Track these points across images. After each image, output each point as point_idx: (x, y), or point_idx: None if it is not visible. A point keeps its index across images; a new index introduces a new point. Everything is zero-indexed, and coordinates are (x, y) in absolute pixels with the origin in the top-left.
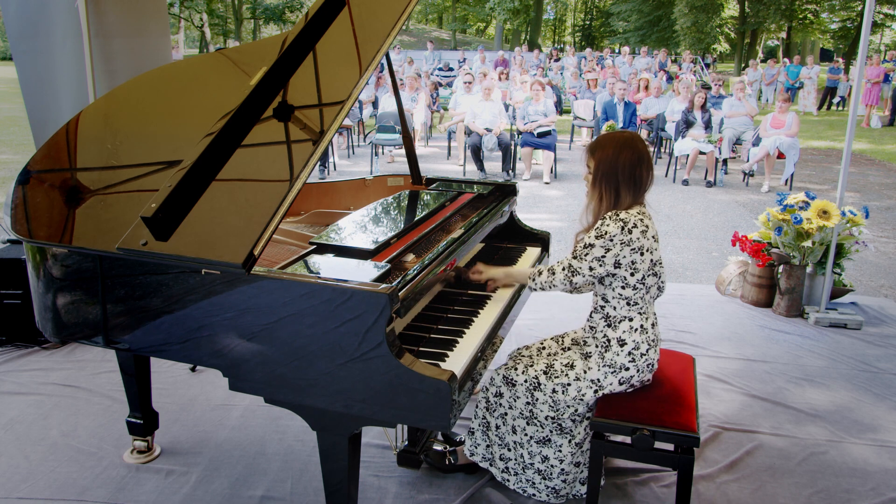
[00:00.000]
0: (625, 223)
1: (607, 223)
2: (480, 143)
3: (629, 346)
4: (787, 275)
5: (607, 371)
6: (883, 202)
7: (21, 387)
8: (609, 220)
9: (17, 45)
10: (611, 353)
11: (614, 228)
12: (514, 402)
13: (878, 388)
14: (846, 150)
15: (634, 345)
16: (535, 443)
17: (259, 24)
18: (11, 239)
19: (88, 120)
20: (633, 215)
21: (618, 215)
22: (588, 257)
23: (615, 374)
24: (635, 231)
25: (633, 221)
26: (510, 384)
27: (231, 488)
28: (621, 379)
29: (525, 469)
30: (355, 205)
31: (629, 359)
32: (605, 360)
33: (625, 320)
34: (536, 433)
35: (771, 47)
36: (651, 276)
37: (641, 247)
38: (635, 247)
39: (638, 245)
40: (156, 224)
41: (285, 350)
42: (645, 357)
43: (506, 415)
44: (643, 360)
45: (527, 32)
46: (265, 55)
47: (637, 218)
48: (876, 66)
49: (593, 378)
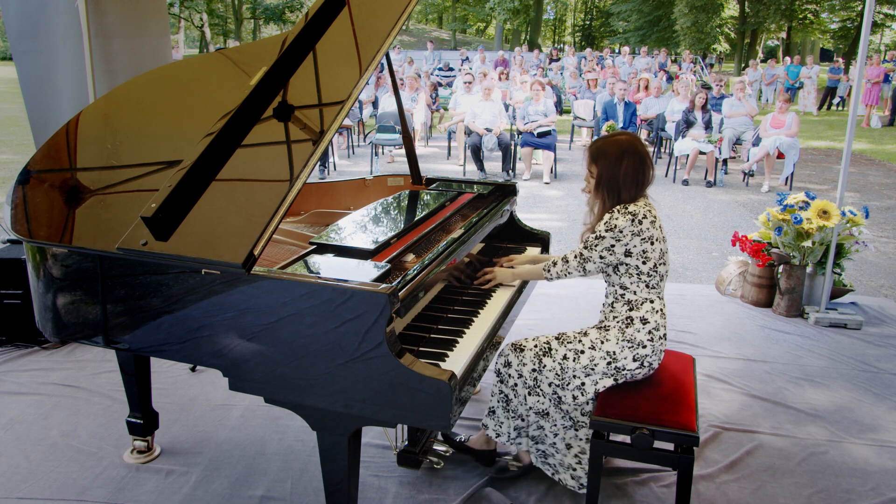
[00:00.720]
0: (634, 215)
1: (616, 217)
2: (480, 143)
3: (651, 325)
4: (787, 275)
5: (625, 345)
6: (883, 202)
7: (21, 387)
8: (618, 214)
9: (17, 45)
10: (632, 329)
11: (623, 222)
12: (521, 367)
13: (878, 388)
14: (846, 150)
15: (655, 325)
16: (534, 414)
17: (259, 24)
18: (11, 239)
19: (88, 120)
20: (640, 207)
21: (626, 208)
22: (598, 248)
23: (632, 350)
24: (645, 222)
25: (642, 213)
26: (518, 350)
27: (231, 488)
28: (636, 355)
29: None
30: (355, 205)
31: (648, 337)
32: (625, 334)
33: (646, 302)
34: (537, 403)
35: (771, 47)
36: (661, 264)
37: (652, 236)
38: (646, 236)
39: (648, 235)
40: (156, 224)
41: (285, 350)
42: (662, 341)
43: (516, 385)
44: (659, 343)
45: (527, 32)
46: (265, 55)
47: (645, 209)
48: (876, 66)
49: (609, 350)
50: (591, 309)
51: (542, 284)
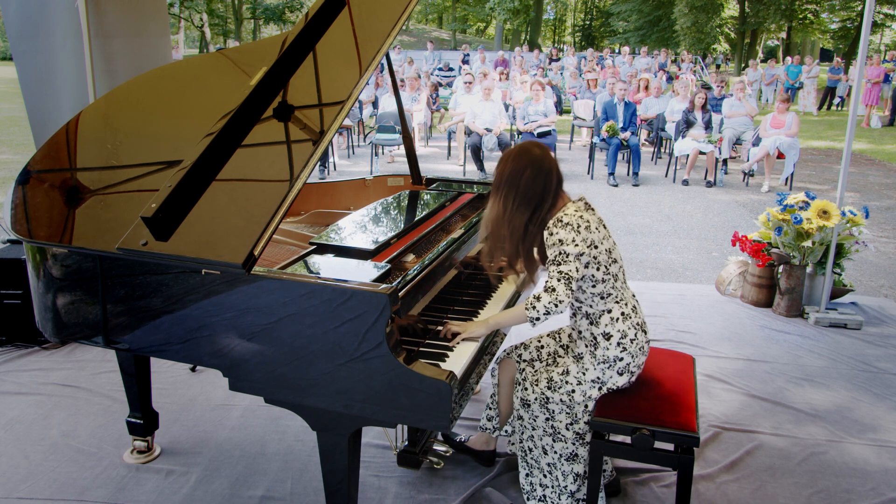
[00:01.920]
0: (570, 226)
1: (555, 231)
2: (480, 143)
3: (616, 338)
4: (787, 275)
5: (603, 367)
6: (883, 202)
7: (21, 387)
8: (554, 228)
9: (17, 45)
10: (600, 349)
11: (564, 233)
12: (534, 421)
13: (878, 388)
14: (846, 150)
15: (621, 334)
16: (565, 461)
17: (259, 24)
18: (11, 239)
19: (88, 120)
20: (569, 216)
21: (560, 221)
22: (570, 258)
23: (611, 368)
24: (582, 231)
25: (574, 223)
26: (525, 405)
27: (231, 488)
28: (619, 370)
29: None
30: (355, 205)
31: (619, 349)
32: (596, 357)
33: (604, 314)
34: (563, 449)
35: (771, 47)
36: (612, 263)
37: (592, 241)
38: (588, 244)
39: (590, 241)
40: (156, 224)
41: (285, 350)
42: (635, 341)
43: (532, 437)
44: (634, 346)
45: (527, 32)
46: (265, 55)
47: (575, 217)
48: (876, 66)
49: (593, 378)
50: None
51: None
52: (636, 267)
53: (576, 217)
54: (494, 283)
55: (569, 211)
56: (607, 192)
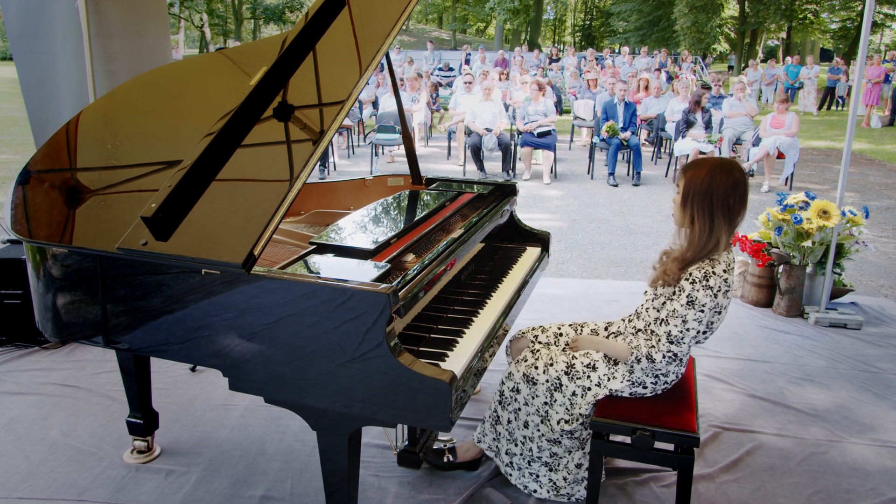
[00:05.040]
0: (713, 290)
1: (697, 289)
2: (480, 143)
3: (661, 372)
4: (787, 275)
5: (628, 385)
6: (883, 202)
7: (21, 387)
8: (699, 285)
9: (17, 44)
10: (639, 371)
11: (704, 297)
12: (531, 399)
13: (878, 388)
14: (846, 150)
15: (663, 371)
16: (545, 440)
17: (259, 24)
18: (11, 239)
19: (88, 120)
20: (719, 277)
21: (707, 280)
22: (686, 339)
23: (633, 387)
24: (720, 296)
25: (718, 285)
26: (530, 382)
27: (231, 488)
28: (634, 394)
29: (531, 462)
30: (355, 205)
31: (653, 380)
32: (633, 376)
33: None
34: (548, 433)
35: (771, 47)
36: (716, 322)
37: (722, 307)
38: (720, 309)
39: (722, 306)
40: (156, 224)
41: (285, 350)
42: (665, 382)
43: (520, 410)
44: (662, 383)
45: (527, 32)
46: (265, 55)
47: (723, 279)
48: (876, 66)
49: (613, 388)
50: (590, 308)
51: (542, 284)
52: (636, 267)
53: (721, 280)
54: (495, 284)
55: (718, 270)
56: (607, 192)
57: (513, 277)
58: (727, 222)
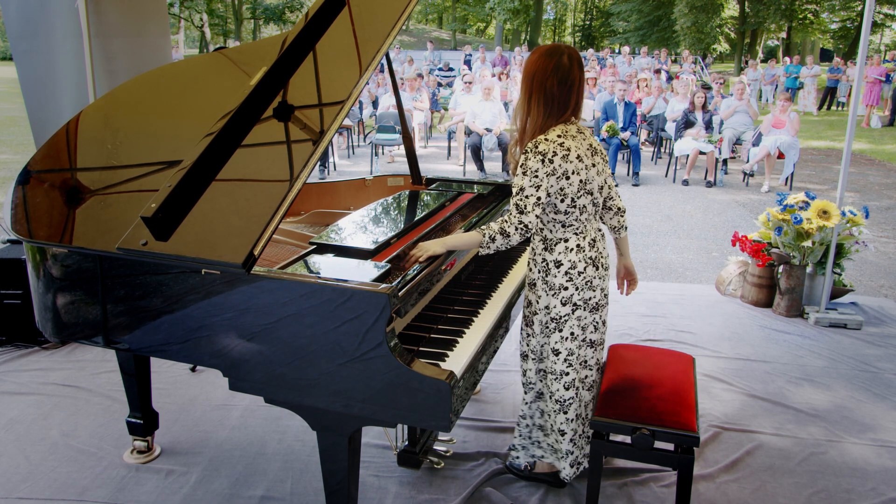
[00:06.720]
0: (543, 155)
1: (529, 157)
2: (480, 143)
3: (565, 266)
4: (787, 275)
5: (550, 294)
6: (883, 202)
7: (21, 387)
8: (530, 154)
9: (17, 45)
10: (550, 276)
11: (535, 163)
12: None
13: (877, 388)
14: (846, 150)
15: (570, 264)
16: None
17: (259, 24)
18: (11, 239)
19: (88, 120)
20: (551, 144)
21: (536, 147)
22: (529, 206)
23: (556, 296)
24: (556, 159)
25: (550, 150)
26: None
27: (231, 488)
28: (563, 299)
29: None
30: (355, 205)
31: (566, 278)
32: (546, 283)
33: (560, 242)
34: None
35: (771, 47)
36: (584, 195)
37: (566, 171)
38: (559, 174)
39: (561, 171)
40: (156, 224)
41: (285, 350)
42: (582, 275)
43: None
44: (580, 279)
45: (527, 32)
46: (265, 55)
47: (556, 144)
48: (876, 66)
49: (544, 305)
50: None
51: None
52: (636, 267)
53: (554, 144)
54: (495, 284)
55: (551, 136)
56: None
57: (513, 277)
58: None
